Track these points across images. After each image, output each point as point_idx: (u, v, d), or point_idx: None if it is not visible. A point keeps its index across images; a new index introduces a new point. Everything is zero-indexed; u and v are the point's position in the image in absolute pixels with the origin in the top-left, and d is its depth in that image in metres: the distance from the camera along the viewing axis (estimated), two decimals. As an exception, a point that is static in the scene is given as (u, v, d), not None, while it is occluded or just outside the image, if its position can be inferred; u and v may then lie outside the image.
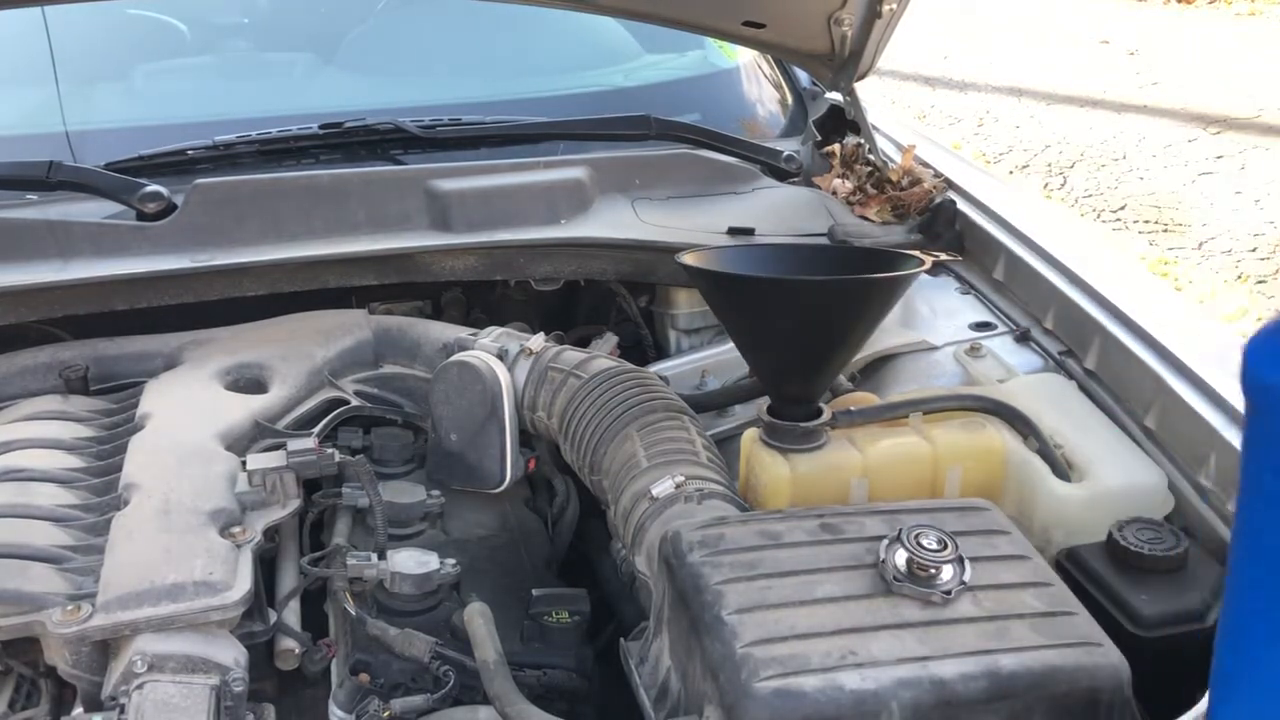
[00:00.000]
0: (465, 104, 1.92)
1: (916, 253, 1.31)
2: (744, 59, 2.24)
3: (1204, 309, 3.97)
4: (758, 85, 2.24)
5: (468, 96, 2.01)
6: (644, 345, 1.80)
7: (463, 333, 1.52)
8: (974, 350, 1.51)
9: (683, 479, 1.17)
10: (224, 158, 1.73)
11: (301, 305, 1.60)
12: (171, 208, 1.58)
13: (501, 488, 1.42)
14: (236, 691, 1.04)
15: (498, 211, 1.66)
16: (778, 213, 1.80)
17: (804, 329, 1.18)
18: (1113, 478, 1.25)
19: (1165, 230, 4.98)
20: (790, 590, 0.93)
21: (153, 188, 1.59)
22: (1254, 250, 4.61)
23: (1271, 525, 0.70)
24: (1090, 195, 5.37)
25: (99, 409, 1.42)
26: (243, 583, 1.08)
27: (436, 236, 1.63)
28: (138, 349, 1.51)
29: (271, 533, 1.24)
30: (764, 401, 1.26)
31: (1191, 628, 1.08)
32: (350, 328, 1.54)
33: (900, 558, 0.94)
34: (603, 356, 1.43)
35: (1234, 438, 1.21)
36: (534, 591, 1.29)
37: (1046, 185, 5.53)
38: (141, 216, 1.58)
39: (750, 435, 1.26)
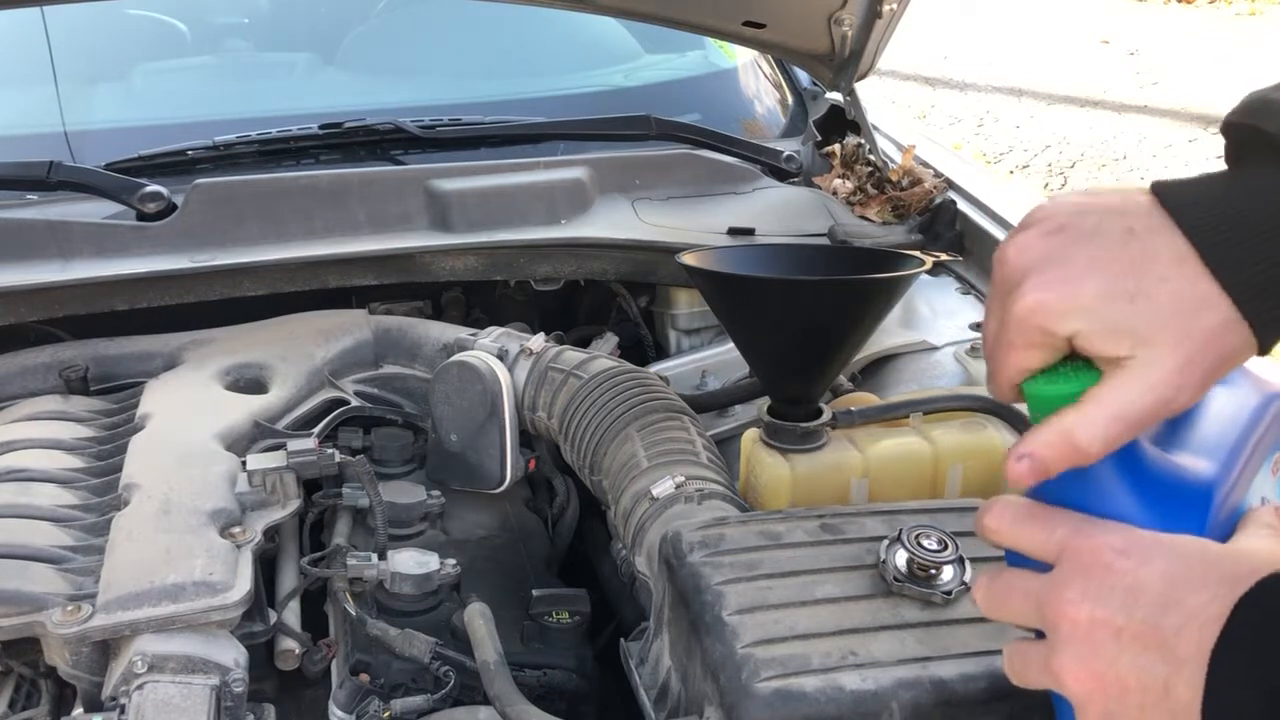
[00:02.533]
0: (465, 104, 1.92)
1: (917, 253, 1.31)
2: (744, 59, 2.24)
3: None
4: (758, 85, 2.25)
5: (468, 96, 2.01)
6: (644, 345, 1.80)
7: (463, 333, 1.52)
8: (974, 350, 1.51)
9: (683, 479, 1.17)
10: (224, 158, 1.73)
11: (301, 305, 1.59)
12: (171, 208, 1.58)
13: (501, 488, 1.42)
14: (237, 692, 1.04)
15: (498, 211, 1.66)
16: (778, 213, 1.79)
17: (804, 329, 1.18)
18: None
19: (1165, 230, 4.97)
20: (791, 591, 0.93)
21: (153, 188, 1.59)
22: (1254, 250, 4.60)
23: None
24: (1090, 195, 5.36)
25: (99, 409, 1.42)
26: (243, 583, 1.08)
27: (436, 236, 1.63)
28: (138, 349, 1.51)
29: (271, 533, 1.23)
30: (764, 401, 1.26)
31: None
32: (350, 328, 1.54)
33: (901, 558, 0.94)
34: (603, 356, 1.43)
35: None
36: (534, 592, 1.29)
37: (1047, 185, 5.53)
38: (141, 216, 1.58)
39: (750, 435, 1.26)
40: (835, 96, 2.00)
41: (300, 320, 1.56)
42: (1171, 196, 0.65)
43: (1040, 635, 0.68)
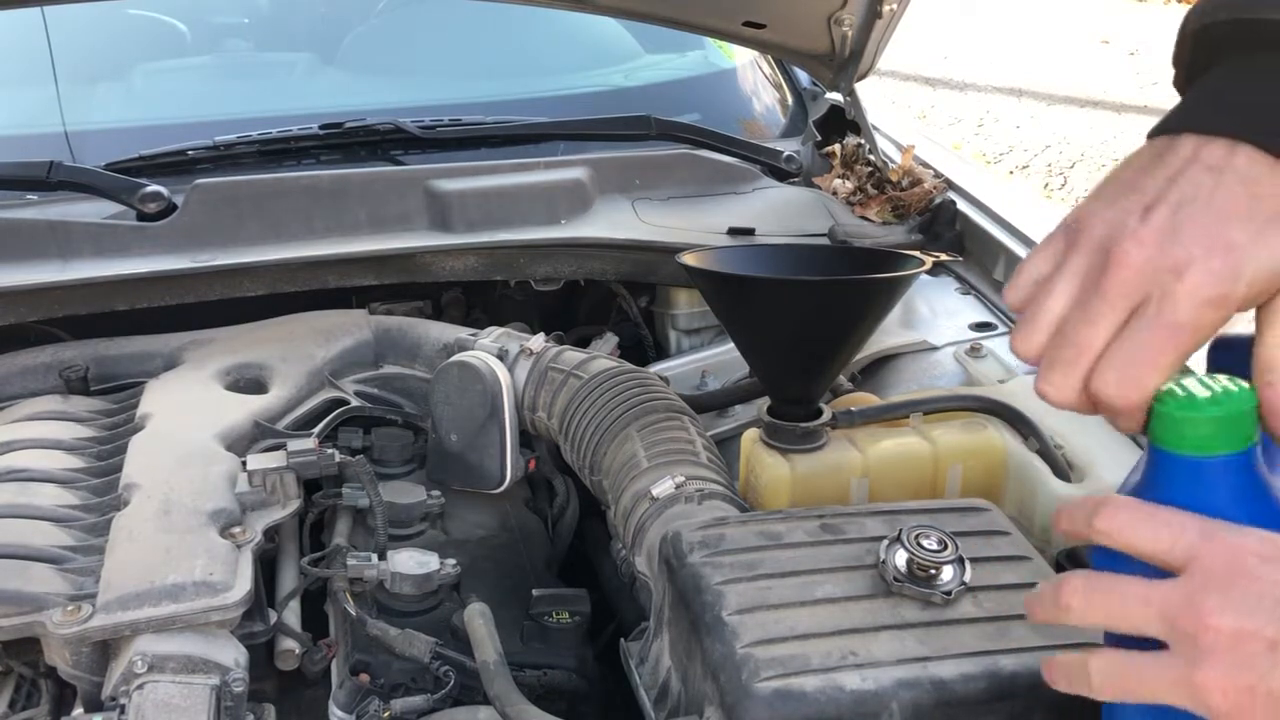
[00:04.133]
0: (465, 104, 1.92)
1: (917, 253, 1.31)
2: (744, 59, 2.24)
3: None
4: (758, 85, 2.25)
5: (468, 96, 2.01)
6: (644, 345, 1.80)
7: (463, 333, 1.52)
8: (974, 350, 1.51)
9: (683, 479, 1.17)
10: (224, 158, 1.73)
11: (301, 305, 1.60)
12: (172, 208, 1.58)
13: (501, 488, 1.42)
14: (237, 692, 1.04)
15: (498, 211, 1.66)
16: (778, 213, 1.80)
17: (804, 329, 1.18)
18: (1113, 478, 1.24)
19: (1165, 230, 4.96)
20: (791, 591, 0.93)
21: (153, 188, 1.59)
22: (1254, 250, 4.60)
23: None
24: (1090, 195, 5.36)
25: (99, 409, 1.42)
26: (243, 583, 1.08)
27: (436, 236, 1.63)
28: (138, 349, 1.51)
29: (272, 533, 1.23)
30: (764, 402, 1.26)
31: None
32: (350, 328, 1.54)
33: (900, 558, 0.93)
34: (603, 356, 1.43)
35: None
36: (534, 592, 1.29)
37: (1046, 185, 5.53)
38: (142, 217, 1.58)
39: (750, 435, 1.26)
40: (835, 96, 2.00)
41: (300, 320, 1.56)
42: (1202, 122, 0.61)
43: (1132, 644, 0.64)
